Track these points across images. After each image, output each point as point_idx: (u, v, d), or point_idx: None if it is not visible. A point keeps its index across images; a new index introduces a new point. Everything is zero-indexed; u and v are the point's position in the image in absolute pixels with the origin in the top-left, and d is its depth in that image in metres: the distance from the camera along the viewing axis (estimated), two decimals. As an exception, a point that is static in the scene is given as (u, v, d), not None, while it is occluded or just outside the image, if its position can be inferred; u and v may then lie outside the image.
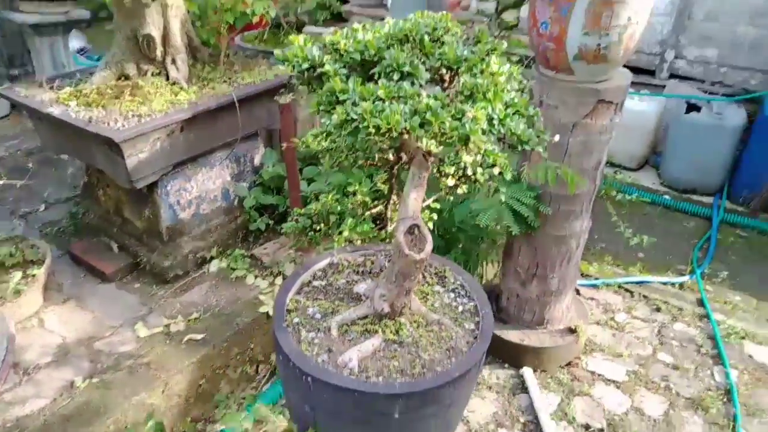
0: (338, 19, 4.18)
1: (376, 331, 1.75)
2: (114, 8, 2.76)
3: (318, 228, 2.02)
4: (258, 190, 3.13)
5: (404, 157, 1.67)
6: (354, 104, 1.41)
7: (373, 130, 1.37)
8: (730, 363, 2.80)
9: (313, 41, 1.66)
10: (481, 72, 1.58)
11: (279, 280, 2.86)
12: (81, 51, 5.35)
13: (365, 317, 1.78)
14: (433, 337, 1.77)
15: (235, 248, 3.04)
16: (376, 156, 1.75)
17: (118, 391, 2.22)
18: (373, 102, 1.41)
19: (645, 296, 3.26)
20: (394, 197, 1.92)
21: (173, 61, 2.87)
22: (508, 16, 3.73)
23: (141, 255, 2.90)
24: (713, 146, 4.18)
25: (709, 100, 4.37)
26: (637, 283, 3.33)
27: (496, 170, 1.57)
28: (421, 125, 1.40)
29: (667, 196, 4.26)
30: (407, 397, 1.59)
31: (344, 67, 1.57)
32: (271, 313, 2.68)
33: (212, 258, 2.98)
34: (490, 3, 3.27)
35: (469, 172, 1.58)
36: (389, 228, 1.97)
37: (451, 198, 2.23)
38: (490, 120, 1.47)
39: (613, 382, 2.72)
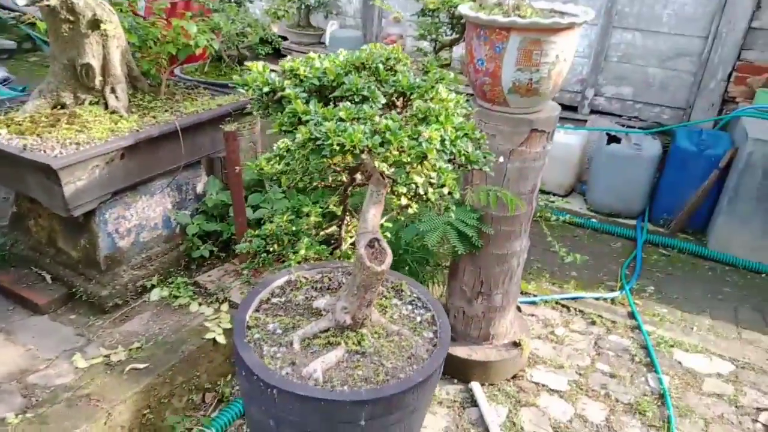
0: (278, 54, 4.28)
1: (339, 343, 1.77)
2: (51, 38, 2.73)
3: (271, 249, 2.04)
4: (201, 218, 3.10)
5: (358, 178, 1.75)
6: (317, 124, 1.48)
7: (337, 148, 1.43)
8: (661, 370, 2.97)
9: (268, 69, 1.73)
10: (431, 98, 1.69)
11: (225, 307, 2.82)
12: (4, 81, 5.19)
13: (327, 330, 1.81)
14: (394, 346, 1.81)
15: (177, 276, 2.97)
16: (330, 178, 1.81)
17: (55, 424, 2.09)
18: (336, 122, 1.48)
19: (580, 311, 3.42)
20: (347, 218, 1.98)
21: (113, 90, 2.85)
22: (444, 54, 3.95)
23: (77, 285, 2.78)
24: (633, 174, 4.51)
25: (627, 133, 4.74)
26: (573, 299, 3.50)
27: (445, 190, 1.66)
28: (381, 144, 1.48)
29: (594, 220, 4.52)
30: (373, 404, 1.61)
31: (304, 91, 1.64)
32: (218, 339, 2.63)
33: (153, 286, 2.89)
34: (426, 42, 3.47)
35: (421, 191, 1.66)
36: (343, 247, 2.03)
37: (402, 218, 2.31)
38: (442, 141, 1.57)
39: (557, 392, 2.82)
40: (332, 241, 2.21)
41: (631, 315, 3.42)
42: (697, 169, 4.29)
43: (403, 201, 1.74)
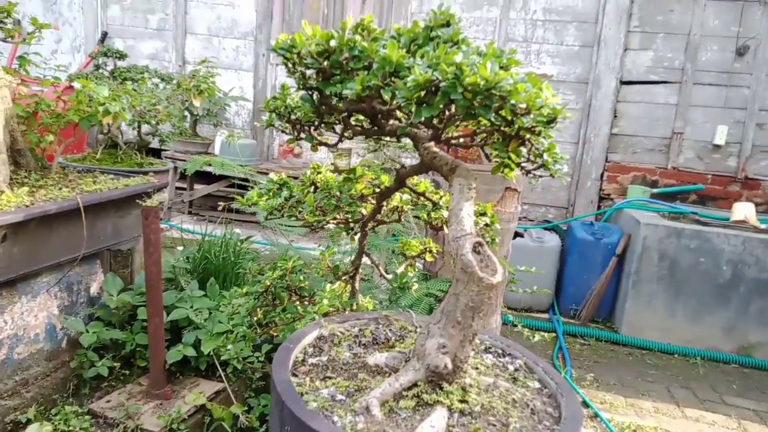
0: (158, 154, 3.87)
1: (435, 402, 1.30)
2: None
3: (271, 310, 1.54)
4: (98, 325, 2.43)
5: (384, 207, 1.41)
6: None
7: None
8: (636, 455, 2.77)
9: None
10: None
11: (137, 438, 2.12)
12: None
13: (413, 386, 1.32)
14: (504, 402, 1.38)
15: (64, 405, 2.22)
16: (347, 209, 1.44)
17: None
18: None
19: (537, 403, 3.17)
20: (360, 263, 1.59)
21: (-14, 164, 2.25)
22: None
23: None
24: (539, 266, 4.59)
25: (527, 228, 4.91)
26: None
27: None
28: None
29: (509, 315, 4.45)
30: None
31: None
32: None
33: (30, 421, 2.11)
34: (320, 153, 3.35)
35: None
36: (359, 300, 1.60)
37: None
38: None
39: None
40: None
41: (584, 404, 3.24)
42: (596, 257, 4.50)
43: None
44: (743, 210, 4.47)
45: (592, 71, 5.09)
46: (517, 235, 4.75)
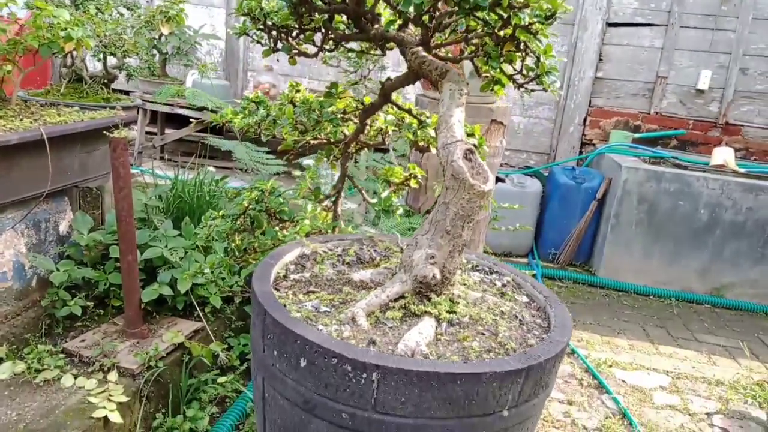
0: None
1: (423, 313, 1.26)
2: None
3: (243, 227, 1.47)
4: (69, 263, 2.34)
5: (368, 127, 1.32)
6: None
7: None
8: (612, 390, 2.83)
9: None
10: None
11: (113, 376, 2.07)
12: None
13: (400, 298, 1.28)
14: (492, 313, 1.34)
15: (37, 344, 2.16)
16: (329, 128, 1.35)
17: None
18: None
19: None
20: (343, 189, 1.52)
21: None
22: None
23: None
24: (520, 211, 4.58)
25: (508, 174, 4.87)
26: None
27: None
28: None
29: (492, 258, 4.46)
30: (526, 376, 1.12)
31: None
32: (111, 417, 1.90)
33: (1, 359, 2.05)
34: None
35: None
36: (342, 225, 1.54)
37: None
38: None
39: (525, 428, 2.50)
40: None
41: (561, 341, 3.29)
42: (576, 202, 4.50)
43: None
44: (722, 154, 4.48)
45: (578, 12, 4.96)
46: (498, 180, 4.71)
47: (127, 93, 4.64)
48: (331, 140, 1.40)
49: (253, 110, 1.31)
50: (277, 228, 1.55)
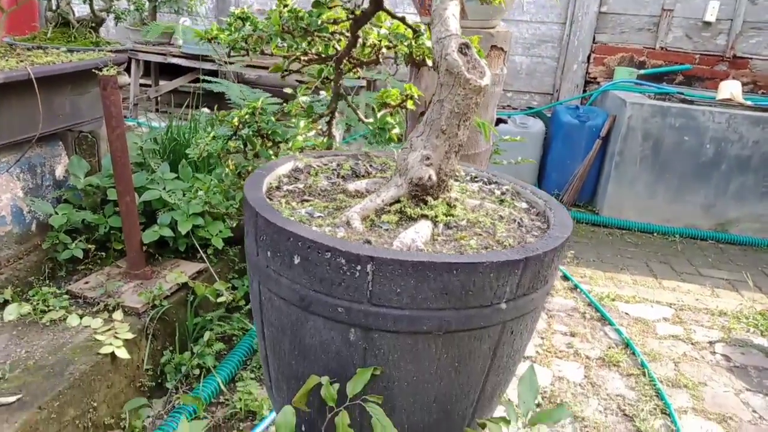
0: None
1: (419, 216, 1.23)
2: None
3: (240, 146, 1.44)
4: (67, 207, 2.33)
5: (360, 39, 1.27)
6: None
7: None
8: (615, 321, 2.85)
9: None
10: None
11: (118, 315, 2.09)
12: None
13: (395, 202, 1.25)
14: (491, 218, 1.31)
15: (41, 286, 2.17)
16: (319, 46, 1.30)
17: None
18: None
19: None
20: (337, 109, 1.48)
21: None
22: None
23: None
24: (523, 152, 4.52)
25: (510, 115, 4.79)
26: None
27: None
28: None
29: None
30: (525, 266, 1.10)
31: None
32: (118, 353, 1.92)
33: (7, 302, 2.07)
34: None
35: None
36: (337, 145, 1.51)
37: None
38: None
39: (527, 357, 2.53)
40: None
41: (564, 278, 3.30)
42: (580, 141, 4.44)
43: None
44: (729, 88, 4.38)
45: (581, -58, 4.77)
46: (500, 121, 4.64)
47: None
48: (323, 55, 1.35)
49: (239, 27, 1.26)
50: (270, 151, 1.52)
